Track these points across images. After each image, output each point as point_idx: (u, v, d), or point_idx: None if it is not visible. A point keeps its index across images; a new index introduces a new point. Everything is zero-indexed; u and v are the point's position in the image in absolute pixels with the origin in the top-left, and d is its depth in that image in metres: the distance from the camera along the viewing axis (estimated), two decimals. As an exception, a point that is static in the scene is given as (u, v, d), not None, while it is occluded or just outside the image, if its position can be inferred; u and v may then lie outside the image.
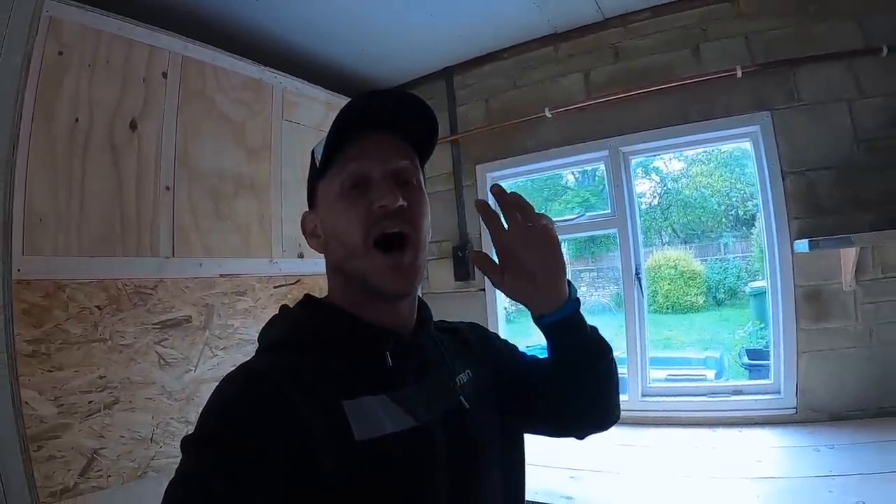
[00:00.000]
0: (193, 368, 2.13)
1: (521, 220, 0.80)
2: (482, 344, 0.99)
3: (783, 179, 2.18)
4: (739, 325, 8.44)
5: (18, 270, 1.49)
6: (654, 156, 2.76)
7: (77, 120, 1.67)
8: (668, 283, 10.44)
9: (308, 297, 0.85)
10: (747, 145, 2.35)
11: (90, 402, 1.86)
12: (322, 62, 2.74)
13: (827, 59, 2.11)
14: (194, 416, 2.12)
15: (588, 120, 2.59)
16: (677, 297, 10.35)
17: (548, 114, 2.63)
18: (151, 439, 1.97)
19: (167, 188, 1.89)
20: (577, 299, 0.86)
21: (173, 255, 1.90)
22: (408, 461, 0.71)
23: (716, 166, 10.83)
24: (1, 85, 1.15)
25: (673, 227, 11.91)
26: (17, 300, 1.76)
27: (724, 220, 11.10)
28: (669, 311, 10.32)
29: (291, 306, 0.84)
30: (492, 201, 0.83)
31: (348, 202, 0.76)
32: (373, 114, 0.77)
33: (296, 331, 0.79)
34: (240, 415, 0.64)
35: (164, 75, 1.91)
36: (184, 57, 1.97)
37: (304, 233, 0.87)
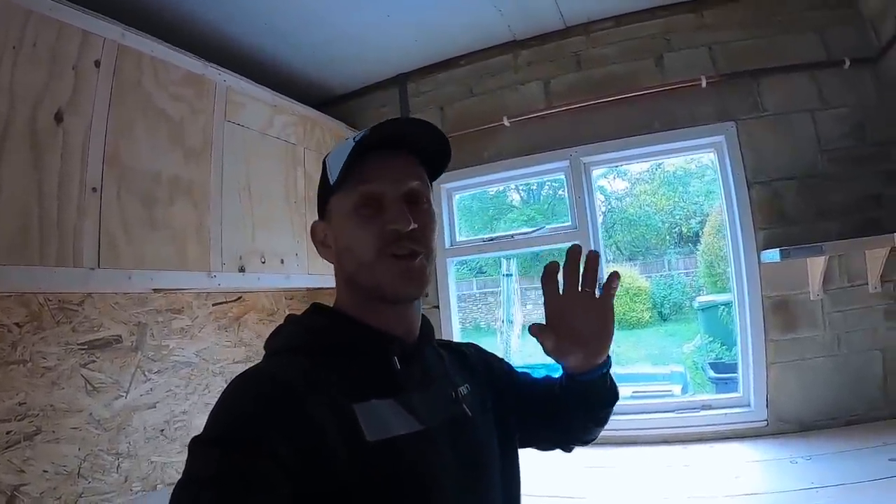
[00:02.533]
0: (125, 394, 1.98)
1: (588, 286, 0.85)
2: (481, 363, 1.02)
3: (749, 189, 2.19)
4: (686, 339, 8.72)
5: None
6: (616, 166, 2.74)
7: (-6, 105, 1.46)
8: (614, 301, 10.59)
9: (316, 305, 0.88)
10: (711, 156, 2.36)
11: (9, 433, 1.68)
12: (270, 62, 2.60)
13: (790, 71, 2.15)
14: (126, 447, 1.92)
15: (548, 129, 2.54)
16: (624, 314, 10.54)
17: (506, 122, 2.58)
18: (79, 474, 1.81)
19: (94, 189, 1.65)
20: (610, 356, 0.92)
21: (99, 266, 1.65)
22: (418, 461, 0.73)
23: (659, 184, 11.29)
24: None
25: (617, 244, 12.21)
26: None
27: (668, 237, 11.54)
28: (617, 327, 10.46)
29: (298, 314, 0.87)
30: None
31: (362, 220, 0.79)
32: (387, 135, 0.80)
33: (304, 335, 0.82)
34: (250, 415, 0.64)
35: (97, 64, 1.69)
36: (120, 45, 1.76)
37: (315, 241, 0.90)
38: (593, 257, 0.84)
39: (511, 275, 7.85)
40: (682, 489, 1.80)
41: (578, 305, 0.84)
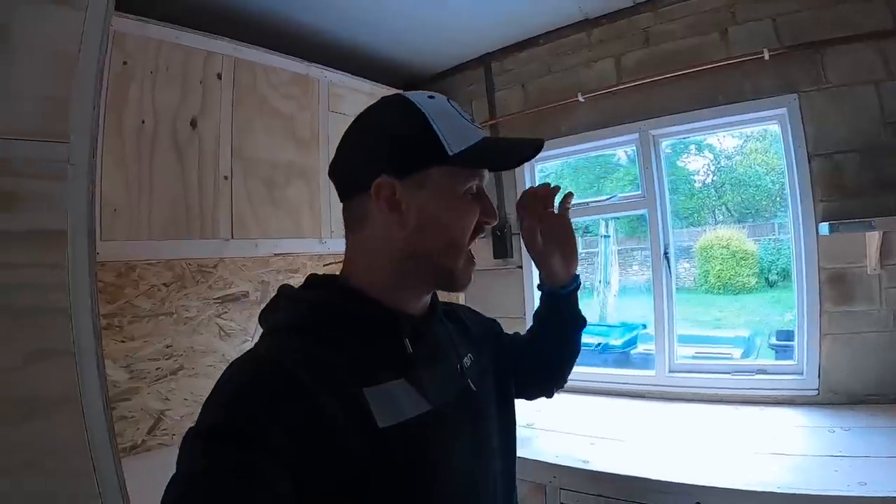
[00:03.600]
0: (251, 339, 2.34)
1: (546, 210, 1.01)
2: (478, 327, 1.06)
3: (809, 162, 2.18)
4: (790, 307, 8.07)
5: (98, 254, 1.72)
6: (686, 138, 2.77)
7: (143, 122, 1.89)
8: (720, 263, 10.20)
9: (315, 278, 0.84)
10: (775, 127, 2.35)
11: (157, 369, 2.12)
12: (365, 54, 2.88)
13: (855, 41, 2.08)
14: None
15: (619, 104, 2.64)
16: (729, 278, 10.09)
17: (581, 98, 2.70)
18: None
19: (225, 178, 2.11)
20: (579, 276, 1.08)
21: (232, 237, 2.12)
22: (429, 444, 0.73)
23: (770, 143, 10.33)
24: (82, 96, 1.34)
25: (727, 205, 11.51)
26: (92, 279, 2.02)
27: (778, 199, 10.62)
28: (720, 291, 10.09)
29: (295, 286, 0.83)
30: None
31: (468, 204, 0.79)
32: (519, 151, 0.84)
33: (308, 313, 0.76)
34: (248, 407, 0.62)
35: (219, 76, 2.11)
36: (235, 59, 2.17)
37: (379, 198, 0.76)
38: (546, 187, 1.02)
39: (609, 236, 7.74)
40: (716, 444, 1.92)
41: (546, 223, 1.03)
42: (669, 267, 2.61)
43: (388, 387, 0.72)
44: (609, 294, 7.80)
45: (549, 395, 1.18)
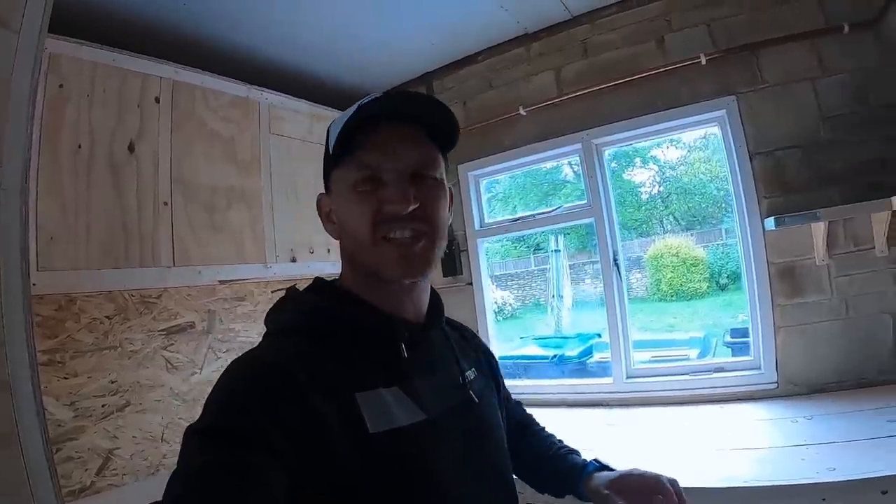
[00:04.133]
0: (199, 371, 2.27)
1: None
2: (483, 351, 1.06)
3: (751, 160, 2.25)
4: (742, 309, 8.31)
5: (34, 285, 1.63)
6: (628, 145, 2.82)
7: (79, 146, 1.80)
8: (671, 271, 10.46)
9: (319, 281, 0.84)
10: (716, 130, 2.42)
11: (104, 406, 2.02)
12: (306, 76, 2.85)
13: (789, 41, 2.16)
14: None
15: (560, 115, 2.68)
16: (680, 285, 10.36)
17: (522, 111, 2.73)
18: (162, 438, 2.10)
19: (165, 203, 2.03)
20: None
21: (174, 265, 2.03)
22: (420, 454, 0.72)
23: (713, 151, 10.74)
24: (15, 119, 1.29)
25: (674, 214, 11.91)
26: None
27: (723, 205, 11.00)
28: (673, 298, 10.35)
29: (301, 289, 0.83)
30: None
31: (360, 197, 0.76)
32: (391, 107, 0.77)
33: (307, 316, 0.78)
34: (247, 406, 0.63)
35: (157, 100, 2.04)
36: (174, 81, 2.11)
37: (320, 215, 0.86)
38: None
39: (559, 251, 7.88)
40: (680, 444, 1.91)
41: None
42: (620, 274, 2.63)
43: (381, 393, 0.72)
44: (562, 307, 7.89)
45: None
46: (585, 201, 2.73)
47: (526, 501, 1.13)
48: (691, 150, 11.30)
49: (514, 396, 1.23)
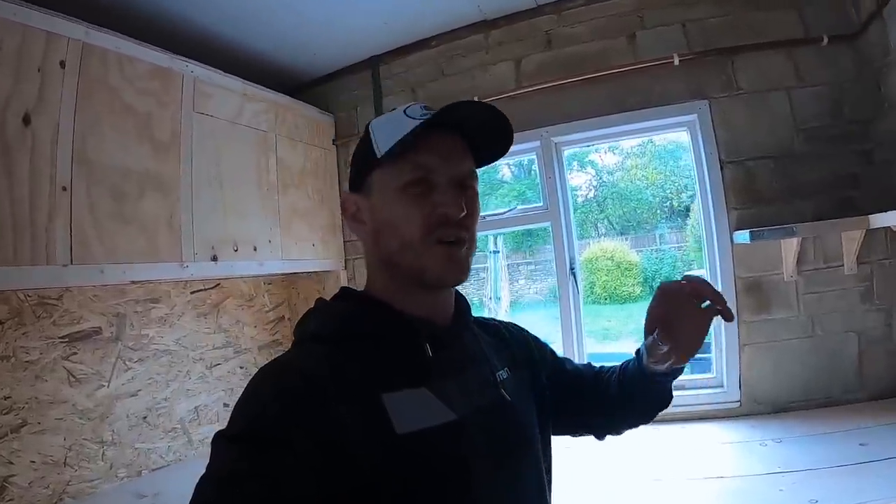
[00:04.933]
0: (106, 384, 2.06)
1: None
2: (521, 344, 1.00)
3: (721, 169, 2.16)
4: None
5: None
6: (589, 146, 2.69)
7: (-38, 116, 1.46)
8: (605, 275, 10.65)
9: (346, 290, 0.86)
10: (684, 135, 2.32)
11: None
12: (240, 51, 2.56)
13: (766, 48, 2.09)
14: (110, 435, 1.96)
15: (519, 109, 2.46)
16: (614, 288, 10.57)
17: (476, 103, 2.53)
18: (65, 463, 1.88)
19: (64, 188, 1.67)
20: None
21: (71, 263, 1.67)
22: (449, 455, 0.71)
23: (650, 159, 11.16)
24: None
25: (609, 218, 12.19)
26: None
27: (659, 211, 11.45)
28: (607, 301, 10.55)
29: (328, 300, 0.84)
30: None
31: (411, 199, 0.75)
32: (452, 117, 0.76)
33: (333, 323, 0.78)
34: (274, 411, 0.63)
35: (62, 64, 1.69)
36: (84, 44, 1.75)
37: (345, 215, 0.85)
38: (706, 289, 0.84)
39: (498, 252, 7.88)
40: (645, 471, 1.79)
41: (687, 315, 0.84)
42: (576, 282, 2.49)
43: (407, 393, 0.71)
44: (500, 309, 7.87)
45: (601, 438, 1.10)
46: (542, 203, 2.56)
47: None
48: (628, 155, 11.65)
49: None
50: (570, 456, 1.97)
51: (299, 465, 0.59)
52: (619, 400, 1.00)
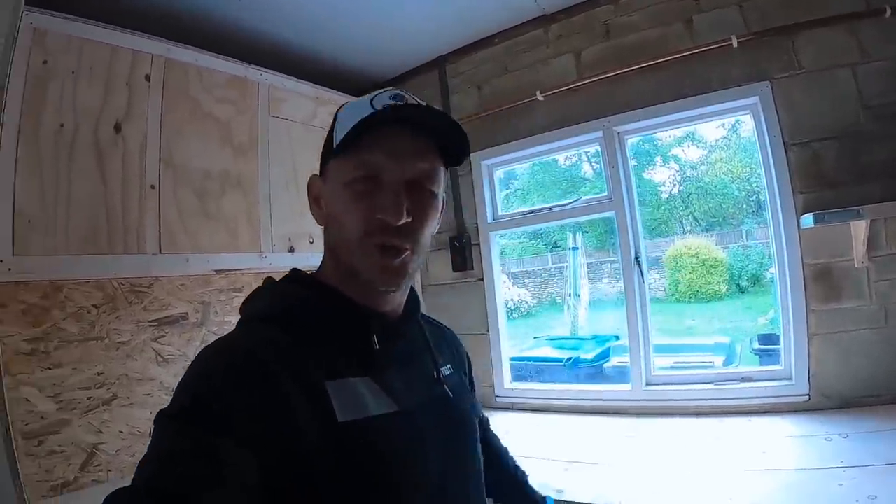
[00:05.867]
0: None
1: None
2: (459, 350, 1.04)
3: (786, 151, 2.07)
4: (762, 312, 8.06)
5: (10, 270, 1.55)
6: (650, 134, 2.65)
7: (62, 125, 1.71)
8: (690, 272, 10.20)
9: (296, 272, 0.84)
10: (748, 118, 2.24)
11: (89, 399, 1.92)
12: (311, 57, 2.74)
13: (827, 24, 1.98)
14: None
15: (581, 100, 2.52)
16: (699, 286, 10.10)
17: (539, 97, 2.58)
18: (150, 434, 2.03)
19: (152, 187, 1.92)
20: None
21: (160, 252, 1.92)
22: (391, 445, 0.71)
23: (735, 151, 10.43)
24: None
25: (693, 214, 11.64)
26: (14, 301, 1.84)
27: (745, 206, 10.67)
28: (691, 300, 10.11)
29: (277, 280, 0.83)
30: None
31: (354, 196, 0.74)
32: (406, 114, 0.75)
33: (281, 305, 0.78)
34: (219, 391, 0.62)
35: (147, 78, 1.94)
36: (166, 59, 2.00)
37: (309, 196, 0.84)
38: None
39: (577, 248, 7.66)
40: (706, 462, 1.76)
41: None
42: (642, 272, 2.46)
43: (351, 382, 0.71)
44: (579, 306, 7.69)
45: None
46: (605, 194, 2.57)
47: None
48: (713, 149, 11.00)
49: (524, 401, 1.28)
50: (631, 444, 2.03)
51: (242, 446, 0.59)
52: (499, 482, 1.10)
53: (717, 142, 10.80)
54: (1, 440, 1.14)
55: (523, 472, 1.19)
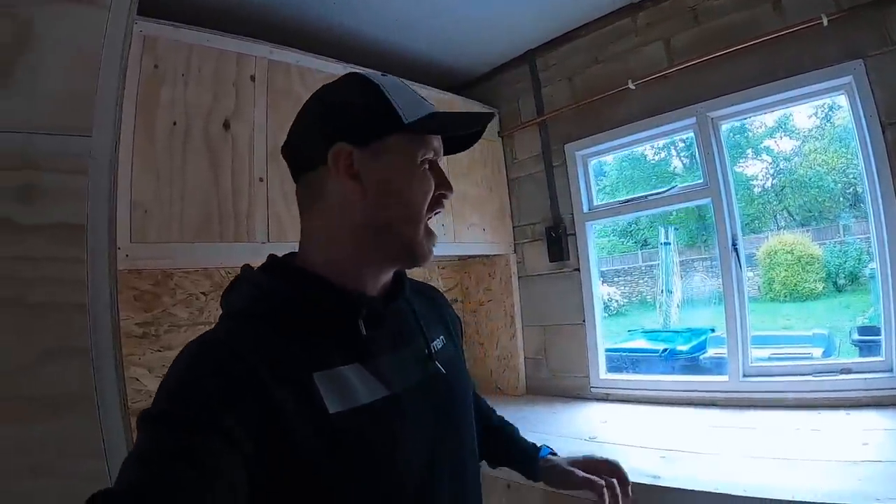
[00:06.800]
0: None
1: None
2: (448, 311, 1.06)
3: (883, 132, 1.96)
4: (861, 311, 7.58)
5: (127, 256, 1.68)
6: (744, 119, 2.57)
7: (175, 123, 1.85)
8: (785, 270, 9.67)
9: (273, 259, 0.83)
10: (842, 99, 2.14)
11: None
12: (405, 55, 2.83)
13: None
14: None
15: (672, 87, 2.49)
16: (795, 284, 9.57)
17: (631, 85, 2.56)
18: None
19: (260, 179, 2.04)
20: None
21: (269, 241, 2.03)
22: (384, 430, 0.72)
23: (830, 141, 9.81)
24: (105, 92, 1.33)
25: (788, 209, 10.96)
26: (128, 287, 2.00)
27: (841, 199, 10.03)
28: (786, 299, 9.58)
29: (255, 268, 0.81)
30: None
31: (425, 175, 0.79)
32: (462, 125, 0.86)
33: (263, 298, 0.76)
34: (202, 391, 0.62)
35: (252, 79, 2.07)
36: (269, 60, 2.13)
37: (338, 165, 0.76)
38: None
39: (669, 244, 7.42)
40: (801, 453, 1.70)
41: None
42: (739, 261, 2.39)
43: (340, 371, 0.71)
44: (671, 303, 7.45)
45: None
46: (701, 181, 2.52)
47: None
48: (806, 139, 10.42)
49: (619, 391, 1.31)
50: (730, 435, 1.98)
51: (227, 447, 0.58)
52: (493, 443, 1.17)
53: (811, 131, 10.23)
54: (119, 410, 1.25)
55: (511, 425, 1.24)
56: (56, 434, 1.09)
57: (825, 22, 2.01)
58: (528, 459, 1.16)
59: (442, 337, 0.92)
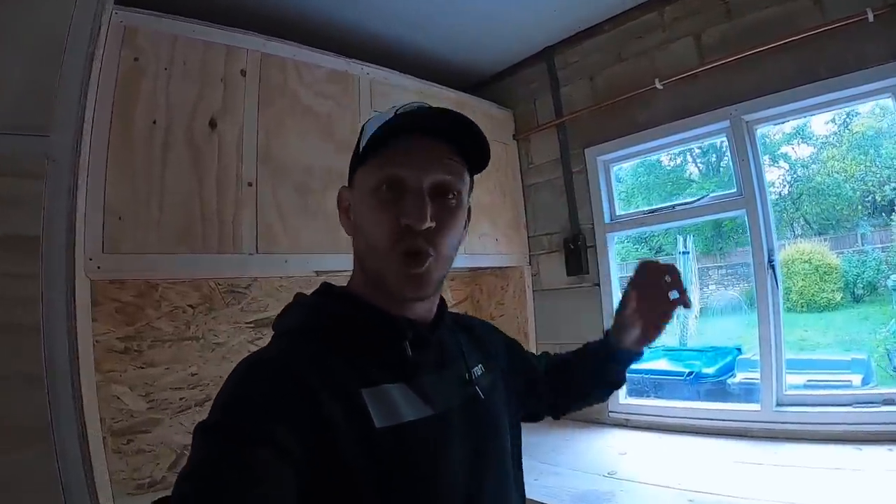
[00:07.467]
0: None
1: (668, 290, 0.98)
2: (495, 341, 1.07)
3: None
4: (882, 323, 7.34)
5: (98, 268, 1.53)
6: (783, 121, 2.38)
7: (154, 122, 1.70)
8: (802, 279, 9.36)
9: (326, 285, 0.86)
10: (888, 101, 1.96)
11: (181, 399, 1.97)
12: (414, 52, 2.69)
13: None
14: None
15: (704, 87, 2.29)
16: (812, 294, 9.27)
17: (658, 85, 2.37)
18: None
19: (249, 184, 1.88)
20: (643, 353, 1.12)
21: (257, 252, 1.87)
22: (427, 447, 0.74)
23: (848, 148, 9.61)
24: (67, 87, 1.20)
25: (805, 217, 10.70)
26: (109, 299, 1.85)
27: (860, 207, 9.80)
28: (804, 309, 9.26)
29: (307, 294, 0.85)
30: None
31: (380, 203, 0.76)
32: (426, 121, 0.78)
33: (314, 318, 0.80)
34: (256, 404, 0.64)
35: (243, 73, 1.92)
36: (262, 54, 1.97)
37: (339, 208, 0.88)
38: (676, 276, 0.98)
39: (688, 252, 7.17)
40: (846, 497, 1.52)
41: (657, 300, 0.99)
42: (776, 277, 2.19)
43: (386, 388, 0.73)
44: (690, 315, 7.21)
45: (556, 417, 1.26)
46: (735, 190, 2.32)
47: (531, 498, 1.11)
48: (824, 146, 10.21)
49: (640, 417, 1.29)
50: (764, 474, 1.80)
51: (279, 457, 0.60)
52: (580, 379, 1.16)
53: (828, 137, 10.03)
54: (78, 442, 1.12)
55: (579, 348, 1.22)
56: (3, 471, 1.01)
57: (871, 17, 1.82)
58: (602, 344, 1.15)
59: (481, 366, 0.93)
